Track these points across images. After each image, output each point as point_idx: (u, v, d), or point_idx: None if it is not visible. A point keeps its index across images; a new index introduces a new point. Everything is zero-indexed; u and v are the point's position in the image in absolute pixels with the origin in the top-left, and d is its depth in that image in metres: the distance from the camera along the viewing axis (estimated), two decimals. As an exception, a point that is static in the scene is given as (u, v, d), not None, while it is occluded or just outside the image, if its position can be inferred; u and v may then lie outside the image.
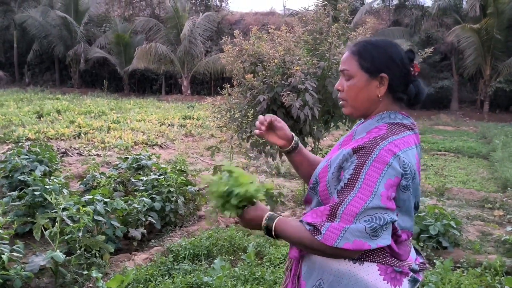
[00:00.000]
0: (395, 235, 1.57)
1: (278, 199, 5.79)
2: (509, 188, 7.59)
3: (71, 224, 3.68)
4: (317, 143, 5.65)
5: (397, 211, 1.55)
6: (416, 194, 1.64)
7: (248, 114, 5.30)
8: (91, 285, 3.54)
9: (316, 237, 1.51)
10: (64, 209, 3.76)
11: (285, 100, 4.64)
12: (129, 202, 4.70)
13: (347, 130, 5.98)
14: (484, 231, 5.53)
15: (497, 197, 7.10)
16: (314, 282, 1.64)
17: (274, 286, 3.55)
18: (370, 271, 1.56)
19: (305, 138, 5.53)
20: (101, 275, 3.19)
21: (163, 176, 5.30)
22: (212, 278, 3.36)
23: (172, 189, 5.05)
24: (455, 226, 4.83)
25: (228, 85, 5.35)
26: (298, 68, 4.74)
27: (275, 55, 4.95)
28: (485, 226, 5.75)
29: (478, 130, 17.30)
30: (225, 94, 5.37)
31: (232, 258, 4.27)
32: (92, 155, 9.05)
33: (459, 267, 4.28)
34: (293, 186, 7.43)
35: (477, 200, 7.13)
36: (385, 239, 1.50)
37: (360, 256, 1.56)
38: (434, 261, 4.26)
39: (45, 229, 3.82)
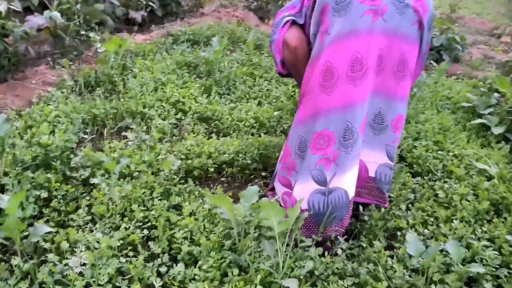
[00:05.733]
0: None
1: None
2: (523, 20, 7.37)
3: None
4: None
5: None
6: None
7: None
8: (91, 54, 3.59)
9: None
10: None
11: None
12: (129, -16, 4.54)
13: None
14: (488, 54, 5.48)
15: (508, 27, 6.91)
16: None
17: (269, 71, 3.61)
18: None
19: None
20: (99, 38, 3.21)
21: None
22: (209, 53, 3.39)
23: (175, -22, 4.84)
24: (459, 42, 4.77)
25: None
26: None
27: None
28: (489, 50, 5.68)
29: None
30: None
31: (231, 48, 4.28)
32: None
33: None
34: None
35: (487, 30, 6.95)
36: None
37: None
38: (432, 69, 4.29)
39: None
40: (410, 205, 2.07)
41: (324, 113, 1.69)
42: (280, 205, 1.83)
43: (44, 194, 1.81)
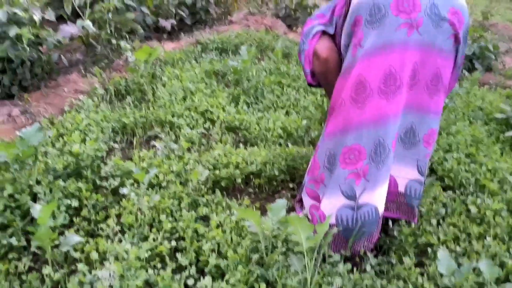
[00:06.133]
0: None
1: None
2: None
3: (101, 3, 3.67)
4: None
5: None
6: None
7: None
8: (121, 62, 3.65)
9: None
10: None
11: None
12: (160, -7, 4.61)
13: None
14: (521, 63, 5.34)
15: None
16: None
17: (297, 80, 3.60)
18: None
19: None
20: (130, 46, 3.26)
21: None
22: (238, 63, 3.40)
23: (204, -14, 4.89)
24: (492, 50, 4.66)
25: None
26: None
27: None
28: (523, 59, 5.54)
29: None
30: None
31: (259, 56, 4.29)
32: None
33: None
34: None
35: (521, 38, 6.78)
36: None
37: None
38: (464, 78, 4.20)
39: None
40: (441, 221, 2.01)
41: (355, 127, 1.67)
42: (308, 218, 1.81)
43: (75, 203, 1.85)
